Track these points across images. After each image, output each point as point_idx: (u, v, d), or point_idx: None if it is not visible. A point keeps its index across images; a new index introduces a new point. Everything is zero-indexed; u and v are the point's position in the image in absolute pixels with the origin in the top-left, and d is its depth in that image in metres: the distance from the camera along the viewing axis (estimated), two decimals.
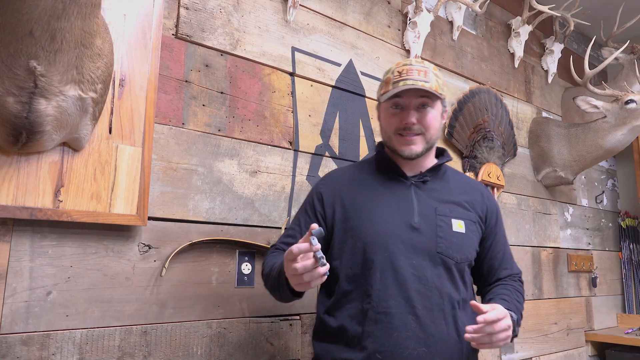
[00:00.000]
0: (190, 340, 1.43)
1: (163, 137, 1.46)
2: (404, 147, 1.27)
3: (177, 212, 1.46)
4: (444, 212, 1.26)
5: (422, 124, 1.26)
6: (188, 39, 1.54)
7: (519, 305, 1.27)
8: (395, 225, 1.23)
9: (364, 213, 1.26)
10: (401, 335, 1.15)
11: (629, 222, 3.37)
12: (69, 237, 1.26)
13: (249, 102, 1.66)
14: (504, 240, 1.40)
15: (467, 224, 1.28)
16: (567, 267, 2.91)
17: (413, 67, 1.25)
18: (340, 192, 1.31)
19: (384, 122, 1.33)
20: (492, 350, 2.33)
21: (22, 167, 1.18)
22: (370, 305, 1.18)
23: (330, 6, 1.96)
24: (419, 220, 1.24)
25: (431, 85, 1.24)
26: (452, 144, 2.35)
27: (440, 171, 1.35)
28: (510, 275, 1.37)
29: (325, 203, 1.31)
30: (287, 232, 1.36)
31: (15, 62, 0.98)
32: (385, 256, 1.20)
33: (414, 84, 1.22)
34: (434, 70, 1.28)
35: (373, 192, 1.29)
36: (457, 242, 1.24)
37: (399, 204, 1.26)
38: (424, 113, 1.26)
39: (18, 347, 1.16)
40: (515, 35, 2.75)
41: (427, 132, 1.27)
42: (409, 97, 1.25)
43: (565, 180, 2.79)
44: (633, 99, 2.44)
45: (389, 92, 1.26)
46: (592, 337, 2.92)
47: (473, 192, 1.36)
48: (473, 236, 1.29)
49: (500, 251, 1.37)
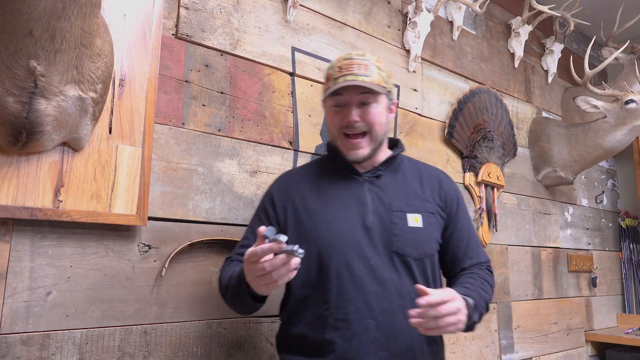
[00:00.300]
0: (190, 340, 1.43)
1: (163, 137, 1.46)
2: (350, 152, 1.22)
3: (177, 212, 1.46)
4: (399, 208, 1.21)
5: (365, 120, 1.20)
6: (188, 39, 1.54)
7: (483, 292, 1.19)
8: (349, 227, 1.19)
9: (316, 216, 1.22)
10: (361, 341, 1.12)
11: (629, 222, 3.37)
12: (69, 237, 1.26)
13: (249, 102, 1.66)
14: (469, 227, 1.32)
15: (424, 217, 1.22)
16: (567, 267, 2.91)
17: (353, 61, 1.19)
18: (292, 195, 1.27)
19: (327, 120, 1.27)
20: (492, 350, 2.33)
21: (22, 167, 1.18)
22: (329, 311, 1.14)
23: (330, 6, 1.96)
24: (373, 219, 1.19)
25: (372, 79, 1.18)
26: (452, 144, 2.35)
27: (394, 163, 1.30)
28: (477, 264, 1.28)
29: (277, 207, 1.27)
30: (242, 242, 1.30)
31: (15, 62, 0.98)
32: (341, 260, 1.16)
33: (353, 79, 1.17)
34: (376, 63, 1.22)
35: (325, 193, 1.25)
36: (414, 238, 1.19)
37: (352, 203, 1.22)
38: (367, 109, 1.20)
39: (18, 347, 1.16)
40: (515, 35, 2.75)
41: (372, 130, 1.21)
42: (350, 94, 1.20)
43: (565, 180, 2.79)
44: (633, 99, 2.44)
45: (329, 88, 1.21)
46: (592, 337, 2.92)
47: (430, 180, 1.30)
48: (432, 228, 1.24)
49: (464, 239, 1.29)
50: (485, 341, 2.31)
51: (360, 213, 1.21)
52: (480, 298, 1.15)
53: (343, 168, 1.27)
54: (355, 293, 1.14)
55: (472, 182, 2.39)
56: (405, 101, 2.18)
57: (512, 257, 2.56)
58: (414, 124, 2.20)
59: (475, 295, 1.14)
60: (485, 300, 1.18)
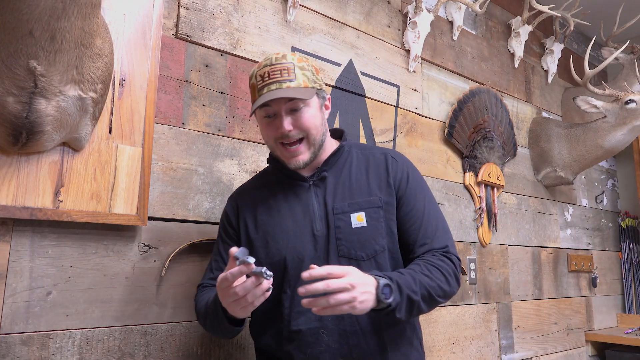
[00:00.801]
0: (190, 340, 1.43)
1: (163, 137, 1.46)
2: (290, 160, 1.18)
3: (177, 212, 1.46)
4: (341, 209, 1.17)
5: (298, 127, 1.15)
6: (188, 39, 1.54)
7: (423, 278, 1.07)
8: (298, 238, 1.16)
9: (267, 231, 1.19)
10: (314, 351, 1.11)
11: (629, 222, 3.37)
12: (69, 237, 1.26)
13: (249, 102, 1.66)
14: (423, 208, 1.19)
15: (368, 214, 1.16)
16: (567, 267, 2.91)
17: (275, 67, 1.13)
18: (243, 211, 1.25)
19: (262, 132, 1.22)
20: (492, 350, 2.33)
21: (22, 167, 1.18)
22: (283, 324, 1.14)
23: (330, 6, 1.96)
24: (320, 227, 1.16)
25: (298, 82, 1.13)
26: (452, 144, 2.35)
27: (339, 159, 1.24)
28: (430, 251, 1.16)
29: (233, 224, 1.26)
30: (210, 266, 1.28)
31: (15, 62, 0.98)
32: (292, 273, 1.14)
33: (278, 88, 1.12)
34: (298, 63, 1.15)
35: (274, 205, 1.22)
36: (358, 239, 1.14)
37: (300, 213, 1.19)
38: (298, 116, 1.15)
39: (18, 347, 1.16)
40: (515, 35, 2.75)
41: (308, 135, 1.16)
42: (278, 104, 1.14)
43: (565, 180, 2.79)
44: (633, 99, 2.44)
45: (256, 101, 1.15)
46: (592, 337, 2.92)
47: (377, 167, 1.23)
48: (379, 224, 1.16)
49: (416, 224, 1.18)
50: (485, 341, 2.31)
51: (309, 221, 1.18)
52: (413, 282, 1.04)
53: (288, 176, 1.23)
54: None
55: (472, 182, 2.39)
56: (405, 101, 2.18)
57: (512, 257, 2.56)
58: (414, 124, 2.20)
59: (405, 278, 1.04)
60: (426, 286, 1.06)
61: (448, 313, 2.17)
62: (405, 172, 1.23)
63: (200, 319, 1.22)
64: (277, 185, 1.25)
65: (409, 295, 1.03)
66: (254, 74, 1.18)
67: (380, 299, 0.98)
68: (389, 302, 0.99)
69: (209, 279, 1.26)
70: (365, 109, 2.01)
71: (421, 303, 1.06)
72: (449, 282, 1.12)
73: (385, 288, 0.99)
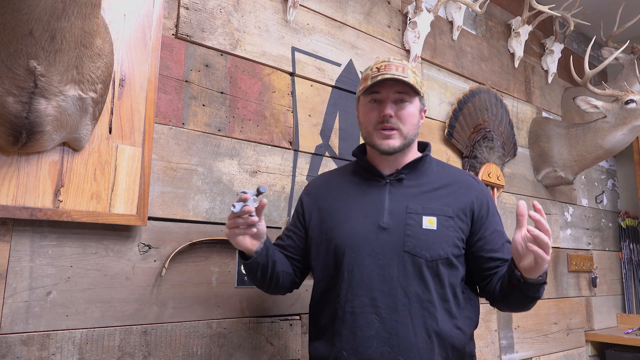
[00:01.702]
0: (190, 340, 1.43)
1: (163, 137, 1.46)
2: (382, 141, 1.26)
3: (177, 212, 1.46)
4: (415, 210, 1.24)
5: (398, 117, 1.25)
6: (188, 39, 1.54)
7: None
8: (364, 226, 1.24)
9: (336, 216, 1.29)
10: (364, 334, 1.17)
11: (629, 222, 3.37)
12: (69, 237, 1.26)
13: (249, 102, 1.66)
14: (502, 232, 1.32)
15: (440, 220, 1.23)
16: (567, 267, 2.91)
17: (392, 64, 1.25)
18: (319, 197, 1.36)
19: (362, 117, 1.31)
20: (492, 350, 2.33)
21: (22, 167, 1.18)
22: (339, 304, 1.22)
23: (330, 6, 1.96)
24: (387, 220, 1.23)
25: (410, 80, 1.24)
26: (452, 144, 2.35)
27: (420, 166, 1.32)
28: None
29: (305, 209, 1.37)
30: (281, 234, 1.43)
31: (15, 62, 0.98)
32: (353, 257, 1.22)
33: (392, 76, 1.22)
34: (412, 69, 1.28)
35: (347, 195, 1.32)
36: (426, 240, 1.21)
37: (370, 205, 1.27)
38: (401, 107, 1.25)
39: (18, 347, 1.16)
40: (515, 35, 2.75)
41: (403, 127, 1.25)
42: (387, 91, 1.25)
43: (565, 180, 2.79)
44: (633, 99, 2.44)
45: (368, 85, 1.26)
46: (592, 337, 2.92)
47: (456, 184, 1.31)
48: (448, 232, 1.23)
49: (499, 243, 1.28)
50: (485, 341, 2.31)
51: (377, 214, 1.25)
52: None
53: (368, 171, 1.33)
54: (362, 289, 1.20)
55: None
56: None
57: None
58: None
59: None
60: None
61: None
62: (486, 196, 1.34)
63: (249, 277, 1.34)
64: (355, 177, 1.35)
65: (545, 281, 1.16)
66: (370, 67, 1.30)
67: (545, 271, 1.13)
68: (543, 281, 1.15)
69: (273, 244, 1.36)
70: None
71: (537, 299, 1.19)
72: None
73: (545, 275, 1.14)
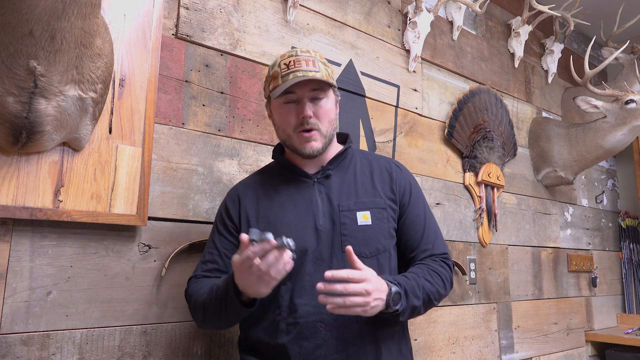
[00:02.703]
0: (190, 340, 1.43)
1: (163, 137, 1.46)
2: (305, 145, 1.20)
3: (177, 212, 1.46)
4: (347, 207, 1.20)
5: (316, 116, 1.19)
6: (188, 39, 1.54)
7: (425, 283, 1.14)
8: (301, 231, 1.17)
9: (268, 224, 1.20)
10: (310, 344, 1.11)
11: (629, 222, 3.37)
12: (69, 237, 1.26)
13: (249, 102, 1.66)
14: (424, 217, 1.27)
15: (373, 213, 1.20)
16: (567, 267, 2.91)
17: (300, 57, 1.18)
18: (244, 204, 1.25)
19: (279, 120, 1.23)
20: (492, 350, 2.33)
21: (22, 167, 1.18)
22: (281, 316, 1.14)
23: (330, 6, 1.96)
24: (324, 222, 1.19)
25: (322, 74, 1.17)
26: (452, 144, 2.35)
27: (344, 160, 1.28)
28: (431, 256, 1.23)
29: (233, 216, 1.26)
30: (205, 259, 1.26)
31: (15, 62, 0.99)
32: (296, 266, 1.11)
33: (304, 74, 1.15)
34: (321, 59, 1.21)
35: (277, 199, 1.24)
36: (363, 237, 1.18)
37: (303, 207, 1.21)
38: (319, 105, 1.20)
39: (18, 347, 1.16)
40: (515, 35, 2.75)
41: (322, 126, 1.20)
42: (302, 90, 1.18)
43: (565, 180, 2.79)
44: (633, 99, 2.44)
45: (279, 86, 1.17)
46: (592, 337, 2.92)
47: (381, 173, 1.28)
48: (382, 224, 1.20)
49: (419, 230, 1.25)
50: (485, 341, 2.31)
51: (312, 216, 1.20)
52: (417, 287, 1.12)
53: (292, 172, 1.26)
54: (305, 297, 1.13)
55: (472, 182, 2.39)
56: (405, 101, 2.18)
57: (512, 257, 2.56)
58: (414, 124, 2.20)
59: (411, 284, 1.11)
60: (428, 291, 1.14)
61: (448, 313, 2.17)
62: (409, 181, 1.29)
63: (198, 307, 1.17)
64: (280, 180, 1.27)
65: (413, 301, 1.11)
66: (276, 63, 1.22)
67: (389, 305, 1.05)
68: (397, 308, 1.07)
69: (202, 270, 1.24)
70: (365, 109, 2.01)
71: (421, 307, 1.14)
72: (446, 287, 1.21)
73: (396, 296, 1.06)
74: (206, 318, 1.17)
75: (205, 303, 1.14)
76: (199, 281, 1.22)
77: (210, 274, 1.22)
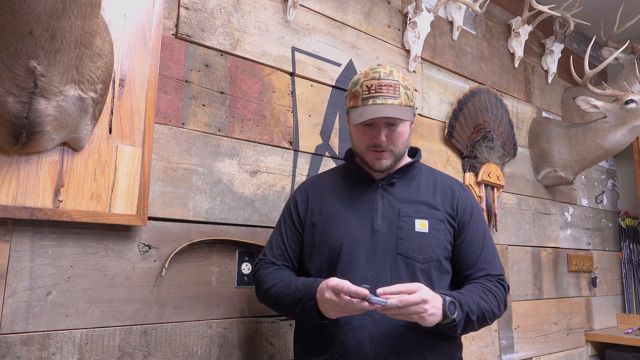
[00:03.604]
0: (190, 340, 1.43)
1: (163, 137, 1.46)
2: (375, 161, 1.28)
3: (177, 212, 1.46)
4: (407, 213, 1.26)
5: (390, 140, 1.27)
6: (188, 39, 1.54)
7: (480, 300, 1.18)
8: (358, 229, 1.25)
9: (329, 218, 1.29)
10: (357, 336, 1.18)
11: (629, 222, 3.37)
12: (69, 237, 1.26)
13: (249, 102, 1.66)
14: (483, 237, 1.32)
15: (431, 223, 1.26)
16: (567, 267, 2.91)
17: (382, 82, 1.23)
18: (311, 199, 1.36)
19: (354, 136, 1.32)
20: (492, 350, 2.33)
21: (22, 167, 1.18)
22: None
23: (330, 6, 1.96)
24: (381, 223, 1.25)
25: (401, 101, 1.24)
26: (452, 144, 2.35)
27: (411, 171, 1.35)
28: (487, 276, 1.27)
29: (300, 210, 1.36)
30: (271, 244, 1.37)
31: (15, 62, 0.98)
32: (347, 259, 1.23)
33: (383, 103, 1.22)
34: (403, 82, 1.26)
35: (340, 197, 1.32)
36: (419, 242, 1.23)
37: (363, 208, 1.28)
38: (393, 130, 1.27)
39: (18, 347, 1.16)
40: (515, 35, 2.75)
41: (394, 148, 1.28)
42: (378, 118, 1.24)
43: (565, 180, 2.79)
44: (633, 99, 2.44)
45: (357, 109, 1.25)
46: (592, 337, 2.92)
47: (444, 190, 1.34)
48: (439, 235, 1.26)
49: (477, 250, 1.29)
50: (485, 341, 2.31)
51: (370, 217, 1.27)
52: (473, 303, 1.16)
53: (361, 175, 1.34)
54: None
55: (472, 182, 2.39)
56: None
57: (512, 257, 2.56)
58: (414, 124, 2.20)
59: (466, 299, 1.15)
60: (482, 308, 1.18)
61: None
62: (470, 201, 1.35)
63: (269, 296, 1.26)
64: (347, 181, 1.36)
65: (468, 314, 1.15)
66: (359, 82, 1.27)
67: (446, 314, 1.10)
68: (454, 317, 1.11)
69: (271, 256, 1.35)
70: None
71: (475, 323, 1.18)
72: (500, 307, 1.24)
73: (451, 305, 1.11)
74: (275, 306, 1.27)
75: (279, 296, 1.23)
76: (270, 269, 1.32)
77: (277, 260, 1.33)
